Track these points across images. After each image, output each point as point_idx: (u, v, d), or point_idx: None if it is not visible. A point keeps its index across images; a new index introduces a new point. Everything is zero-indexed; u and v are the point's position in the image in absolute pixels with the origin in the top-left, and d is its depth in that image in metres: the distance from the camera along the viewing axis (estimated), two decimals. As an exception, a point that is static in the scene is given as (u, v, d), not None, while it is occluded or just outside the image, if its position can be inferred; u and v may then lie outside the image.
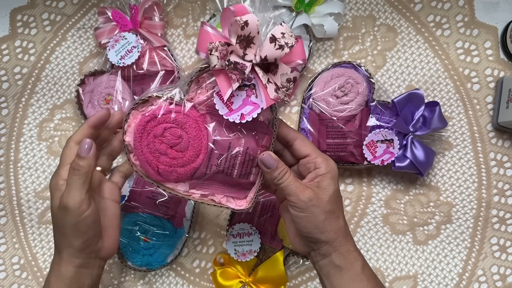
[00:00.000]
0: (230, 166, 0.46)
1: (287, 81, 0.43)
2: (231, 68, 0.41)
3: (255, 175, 0.48)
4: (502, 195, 0.68)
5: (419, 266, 0.69)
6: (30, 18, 0.71)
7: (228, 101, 0.43)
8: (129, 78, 0.67)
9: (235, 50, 0.42)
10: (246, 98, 0.44)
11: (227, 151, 0.46)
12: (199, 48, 0.44)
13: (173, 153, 0.45)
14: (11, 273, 0.71)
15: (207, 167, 0.46)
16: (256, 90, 0.44)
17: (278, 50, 0.41)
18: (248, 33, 0.41)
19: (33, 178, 0.71)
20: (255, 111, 0.44)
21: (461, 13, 0.69)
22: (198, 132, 0.45)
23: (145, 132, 0.45)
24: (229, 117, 0.44)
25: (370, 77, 0.65)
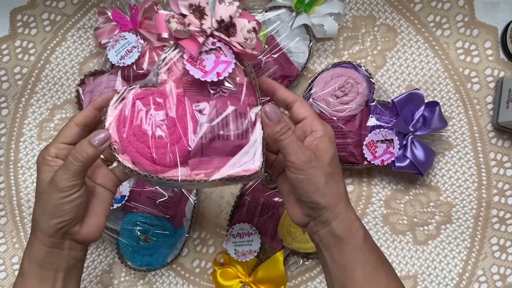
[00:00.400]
0: (224, 128, 0.44)
1: (248, 32, 0.43)
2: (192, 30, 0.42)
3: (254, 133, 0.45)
4: (502, 195, 0.68)
5: (419, 266, 0.69)
6: (30, 18, 0.71)
7: (200, 64, 0.43)
8: (129, 78, 0.67)
9: (192, 21, 0.43)
10: (216, 60, 0.44)
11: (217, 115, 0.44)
12: (159, 30, 0.44)
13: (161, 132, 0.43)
14: (11, 273, 0.71)
15: (202, 137, 0.43)
16: (223, 51, 0.44)
17: (229, 6, 0.42)
18: (198, 3, 0.42)
19: (33, 178, 0.71)
20: (229, 67, 0.44)
21: (461, 13, 0.69)
22: (182, 106, 0.44)
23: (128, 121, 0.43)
24: (206, 78, 0.43)
25: (370, 77, 0.65)
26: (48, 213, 0.43)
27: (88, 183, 0.46)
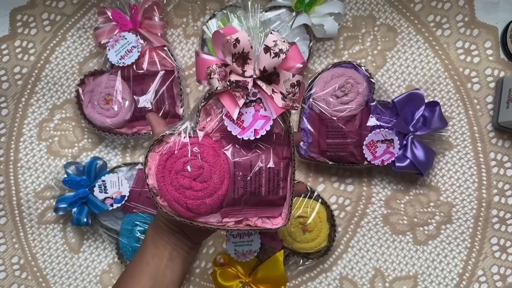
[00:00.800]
0: (256, 184, 0.45)
1: (291, 86, 0.43)
2: (233, 87, 0.42)
3: (284, 189, 0.46)
4: (502, 195, 0.68)
5: (419, 266, 0.69)
6: (30, 18, 0.71)
7: (239, 120, 0.43)
8: (129, 78, 0.67)
9: (234, 69, 0.42)
10: (255, 114, 0.43)
11: (250, 170, 0.45)
12: (199, 76, 0.44)
13: (198, 185, 0.44)
14: (11, 273, 0.71)
15: (234, 191, 0.45)
16: (263, 103, 0.43)
17: (274, 58, 0.41)
18: (242, 50, 0.41)
19: (33, 178, 0.71)
20: (267, 124, 0.43)
21: (461, 13, 0.69)
22: (217, 159, 0.45)
23: (166, 171, 0.44)
24: (243, 135, 0.43)
25: (370, 77, 0.65)
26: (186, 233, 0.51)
27: None
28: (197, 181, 0.44)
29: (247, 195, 0.45)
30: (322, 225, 0.64)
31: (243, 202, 0.46)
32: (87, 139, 0.71)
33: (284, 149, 0.46)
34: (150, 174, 0.45)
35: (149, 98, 0.66)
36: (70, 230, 0.71)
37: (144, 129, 0.68)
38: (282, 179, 0.46)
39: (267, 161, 0.45)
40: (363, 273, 0.69)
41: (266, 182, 0.45)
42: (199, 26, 0.71)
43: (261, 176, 0.45)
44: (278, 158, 0.46)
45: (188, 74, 0.71)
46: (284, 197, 0.47)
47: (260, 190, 0.45)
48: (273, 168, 0.45)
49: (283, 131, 0.46)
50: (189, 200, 0.44)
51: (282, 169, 0.46)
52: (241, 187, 0.45)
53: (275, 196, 0.46)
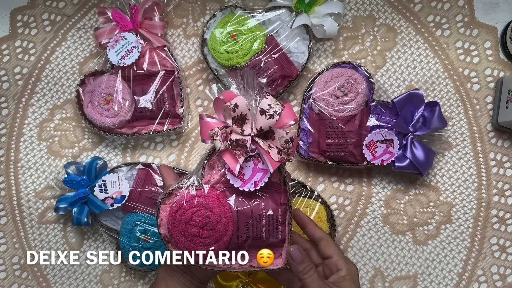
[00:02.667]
0: (258, 230, 0.50)
1: (285, 142, 0.48)
2: (234, 146, 0.47)
3: (283, 233, 0.51)
4: (502, 195, 0.68)
5: (419, 266, 0.69)
6: (30, 18, 0.71)
7: (240, 173, 0.49)
8: (129, 78, 0.67)
9: (234, 130, 0.48)
10: (254, 167, 0.49)
11: (251, 218, 0.50)
12: (203, 136, 0.49)
13: (205, 233, 0.49)
14: (11, 273, 0.71)
15: (238, 236, 0.50)
16: (261, 158, 0.49)
17: (269, 119, 0.46)
18: (240, 113, 0.47)
19: (33, 178, 0.71)
20: (265, 176, 0.49)
21: (461, 13, 0.69)
22: (222, 208, 0.49)
23: (176, 221, 0.49)
24: (244, 187, 0.49)
25: (370, 77, 0.65)
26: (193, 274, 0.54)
27: None
28: (204, 229, 0.49)
29: (249, 240, 0.50)
30: (322, 225, 0.65)
31: (246, 246, 0.50)
32: (87, 139, 0.71)
33: (282, 196, 0.51)
34: (162, 224, 0.50)
35: (149, 98, 0.66)
36: (70, 230, 0.71)
37: (144, 129, 0.68)
38: (281, 223, 0.50)
39: (266, 209, 0.50)
40: (363, 273, 0.69)
41: (266, 227, 0.50)
42: (199, 26, 0.71)
43: (261, 222, 0.50)
44: (276, 205, 0.50)
45: (188, 74, 0.71)
46: (283, 240, 0.51)
47: (261, 235, 0.50)
48: (272, 215, 0.50)
49: (280, 180, 0.51)
50: (197, 247, 0.49)
51: (281, 215, 0.50)
52: (244, 233, 0.50)
53: (274, 239, 0.51)
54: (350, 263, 0.51)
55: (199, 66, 0.71)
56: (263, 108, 0.46)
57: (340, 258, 0.51)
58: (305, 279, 0.49)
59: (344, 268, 0.50)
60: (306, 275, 0.49)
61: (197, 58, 0.71)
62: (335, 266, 0.51)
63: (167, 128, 0.67)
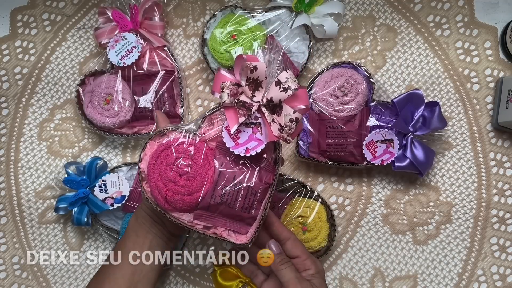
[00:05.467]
0: (233, 198, 0.49)
1: (289, 120, 0.46)
2: (239, 105, 0.46)
3: (256, 210, 0.50)
4: (502, 195, 0.68)
5: (419, 266, 0.69)
6: (30, 18, 0.71)
7: (235, 135, 0.48)
8: (129, 78, 0.67)
9: (245, 91, 0.47)
10: (251, 135, 0.48)
11: (231, 183, 0.49)
12: (214, 88, 0.49)
13: (182, 181, 0.48)
14: (11, 273, 0.71)
15: (212, 197, 0.49)
16: (261, 128, 0.48)
17: (282, 92, 0.46)
18: (257, 77, 0.46)
19: (33, 178, 0.71)
20: (259, 147, 0.48)
21: (461, 13, 0.69)
22: (206, 163, 0.48)
23: (159, 160, 0.48)
24: (235, 150, 0.47)
25: (370, 77, 0.65)
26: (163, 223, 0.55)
27: None
28: (182, 178, 0.48)
29: (222, 206, 0.49)
30: (322, 225, 0.65)
31: (217, 210, 0.49)
32: (87, 139, 0.71)
33: (268, 175, 0.50)
34: (144, 159, 0.49)
35: (149, 98, 0.66)
36: (70, 230, 0.71)
37: (144, 129, 0.68)
38: (258, 201, 0.50)
39: (248, 180, 0.49)
40: (363, 272, 0.69)
41: (242, 198, 0.49)
42: (199, 26, 0.71)
43: (239, 191, 0.49)
44: (259, 180, 0.49)
45: (188, 74, 0.71)
46: (255, 218, 0.50)
47: (235, 204, 0.49)
48: (252, 188, 0.49)
49: (272, 159, 0.50)
50: (169, 193, 0.48)
51: (260, 192, 0.49)
52: (219, 196, 0.49)
53: (246, 214, 0.50)
54: (317, 262, 0.52)
55: (199, 66, 0.71)
56: (279, 80, 0.46)
57: (307, 257, 0.52)
58: (281, 269, 0.49)
59: (313, 267, 0.51)
60: (282, 265, 0.50)
61: (197, 58, 0.71)
62: (303, 265, 0.51)
63: (167, 128, 0.67)
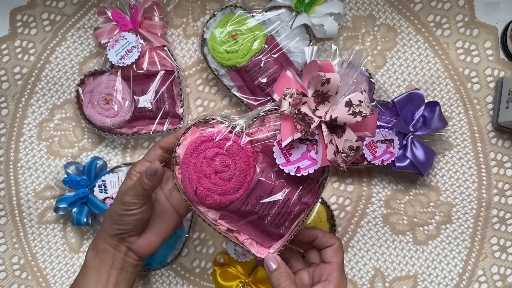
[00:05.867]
0: (265, 211, 0.46)
1: (349, 148, 0.42)
2: (298, 118, 0.41)
3: (286, 228, 0.47)
4: (502, 195, 0.68)
5: (419, 266, 0.69)
6: (30, 18, 0.71)
7: (287, 151, 0.43)
8: (129, 78, 0.67)
9: (308, 103, 0.42)
10: (305, 152, 0.44)
11: (268, 195, 0.45)
12: (275, 89, 0.44)
13: (216, 180, 0.45)
14: (11, 273, 0.71)
15: (243, 203, 0.46)
16: (316, 147, 0.43)
17: (350, 115, 0.41)
18: (327, 91, 0.41)
19: (33, 178, 0.71)
20: (312, 167, 0.43)
21: (461, 13, 0.69)
22: (247, 167, 0.45)
23: (197, 150, 0.45)
24: (285, 167, 0.44)
25: (370, 77, 0.65)
26: (111, 218, 0.50)
27: (162, 202, 0.52)
28: (217, 175, 0.45)
29: (252, 215, 0.46)
30: (322, 225, 0.65)
31: (245, 217, 0.46)
32: (87, 139, 0.71)
33: (309, 196, 0.46)
34: (183, 145, 0.46)
35: (149, 98, 0.66)
36: (70, 230, 0.71)
37: (144, 129, 0.68)
38: (290, 220, 0.46)
39: (286, 197, 0.45)
40: (363, 273, 0.69)
41: (275, 214, 0.46)
42: (199, 26, 0.71)
43: (274, 206, 0.45)
44: (298, 200, 0.46)
45: (188, 74, 0.71)
46: (282, 235, 0.47)
47: (265, 218, 0.46)
48: (288, 206, 0.45)
49: (318, 180, 0.46)
50: (200, 187, 0.45)
51: (295, 212, 0.46)
52: (251, 204, 0.45)
53: (275, 230, 0.46)
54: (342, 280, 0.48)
55: (199, 66, 0.71)
56: (351, 101, 0.41)
57: (337, 269, 0.48)
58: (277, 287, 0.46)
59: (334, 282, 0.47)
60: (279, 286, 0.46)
61: (197, 58, 0.71)
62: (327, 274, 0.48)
63: (167, 128, 0.67)
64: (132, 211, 0.48)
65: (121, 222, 0.49)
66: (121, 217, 0.49)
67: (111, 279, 0.51)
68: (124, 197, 0.48)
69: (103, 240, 0.51)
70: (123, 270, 0.51)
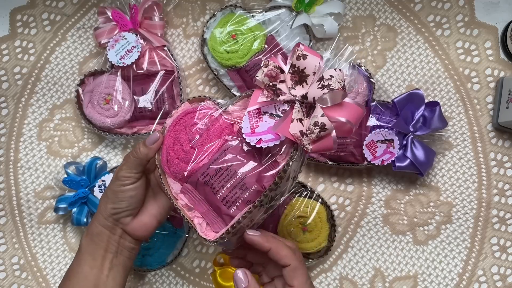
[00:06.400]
0: (220, 183, 0.45)
1: (314, 124, 0.39)
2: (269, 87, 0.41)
3: (237, 210, 0.44)
4: (502, 195, 0.68)
5: (419, 266, 0.69)
6: (30, 18, 0.71)
7: (255, 123, 0.43)
8: (129, 78, 0.67)
9: (286, 80, 0.42)
10: (269, 128, 0.43)
11: (228, 169, 0.45)
12: None
13: (187, 147, 0.47)
14: (11, 273, 0.71)
15: (203, 173, 0.46)
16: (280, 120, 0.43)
17: (319, 89, 0.39)
18: (303, 68, 0.40)
19: (33, 178, 0.71)
20: (273, 141, 0.42)
21: (461, 13, 0.69)
22: (216, 138, 0.46)
23: (181, 121, 0.48)
24: (247, 137, 0.43)
25: (370, 77, 0.65)
26: (107, 198, 0.50)
27: (153, 186, 0.54)
28: (188, 143, 0.47)
29: (207, 187, 0.45)
30: (322, 225, 0.64)
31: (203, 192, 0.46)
32: (87, 139, 0.71)
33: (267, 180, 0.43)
34: (173, 117, 0.49)
35: (149, 98, 0.66)
36: (70, 230, 0.71)
37: (144, 129, 0.68)
38: (243, 201, 0.44)
39: (245, 174, 0.44)
40: (363, 273, 0.69)
41: (229, 187, 0.44)
42: (199, 26, 0.71)
43: (230, 179, 0.44)
44: (257, 181, 0.44)
45: (188, 74, 0.71)
46: (232, 217, 0.44)
47: (219, 191, 0.45)
48: (244, 182, 0.44)
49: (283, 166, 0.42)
50: (171, 153, 0.48)
51: (251, 192, 0.44)
52: (209, 175, 0.45)
53: (225, 208, 0.45)
54: None
55: (199, 66, 0.71)
56: (323, 75, 0.39)
57: None
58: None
59: None
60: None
61: (197, 58, 0.71)
62: None
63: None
64: (127, 186, 0.49)
65: (116, 199, 0.50)
66: (116, 194, 0.50)
67: (105, 263, 0.50)
68: (119, 172, 0.50)
69: (98, 223, 0.51)
70: (118, 253, 0.51)
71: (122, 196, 0.50)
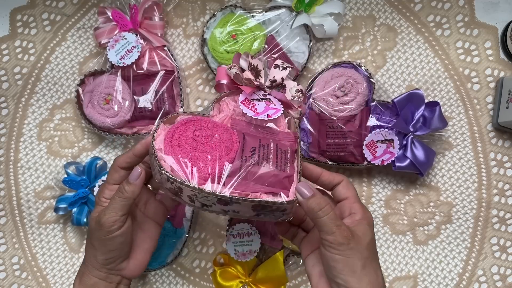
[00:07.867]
0: (264, 156, 0.46)
1: (296, 91, 0.51)
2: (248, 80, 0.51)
3: (291, 168, 0.46)
4: (502, 195, 0.68)
5: (419, 266, 0.69)
6: (30, 18, 0.71)
7: (252, 107, 0.49)
8: (129, 78, 0.67)
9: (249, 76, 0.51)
10: (266, 106, 0.50)
11: (259, 145, 0.47)
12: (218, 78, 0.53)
13: (207, 148, 0.45)
14: (11, 273, 0.71)
15: (242, 158, 0.45)
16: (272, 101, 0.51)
17: (283, 70, 0.52)
18: (256, 65, 0.52)
19: (33, 178, 0.71)
20: (278, 112, 0.50)
21: (461, 13, 0.69)
22: (227, 131, 0.47)
23: (176, 135, 0.45)
24: (258, 116, 0.49)
25: (370, 77, 0.65)
26: (93, 249, 0.47)
27: (139, 218, 0.50)
28: (206, 144, 0.45)
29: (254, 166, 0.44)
30: (322, 225, 0.64)
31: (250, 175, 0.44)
32: (87, 139, 0.71)
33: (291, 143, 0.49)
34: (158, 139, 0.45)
35: (149, 98, 0.66)
36: (70, 230, 0.71)
37: (144, 129, 0.68)
38: (289, 161, 0.47)
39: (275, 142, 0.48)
40: (363, 273, 0.69)
41: (274, 155, 0.46)
42: (199, 26, 0.71)
43: (269, 149, 0.47)
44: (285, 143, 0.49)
45: (188, 74, 0.71)
46: (290, 176, 0.45)
47: (268, 161, 0.45)
48: (280, 148, 0.48)
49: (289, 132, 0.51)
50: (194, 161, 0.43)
51: (290, 153, 0.48)
52: (249, 156, 0.45)
53: (282, 172, 0.45)
54: (365, 208, 0.45)
55: (199, 66, 0.71)
56: (277, 64, 0.53)
57: (356, 201, 0.45)
58: (321, 217, 0.41)
59: (360, 212, 0.44)
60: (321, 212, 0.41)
61: (197, 58, 0.71)
62: (349, 209, 0.45)
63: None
64: (114, 233, 0.45)
65: (105, 249, 0.46)
66: (103, 243, 0.45)
67: None
68: (102, 218, 0.45)
69: (90, 275, 0.47)
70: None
71: (112, 245, 0.46)
